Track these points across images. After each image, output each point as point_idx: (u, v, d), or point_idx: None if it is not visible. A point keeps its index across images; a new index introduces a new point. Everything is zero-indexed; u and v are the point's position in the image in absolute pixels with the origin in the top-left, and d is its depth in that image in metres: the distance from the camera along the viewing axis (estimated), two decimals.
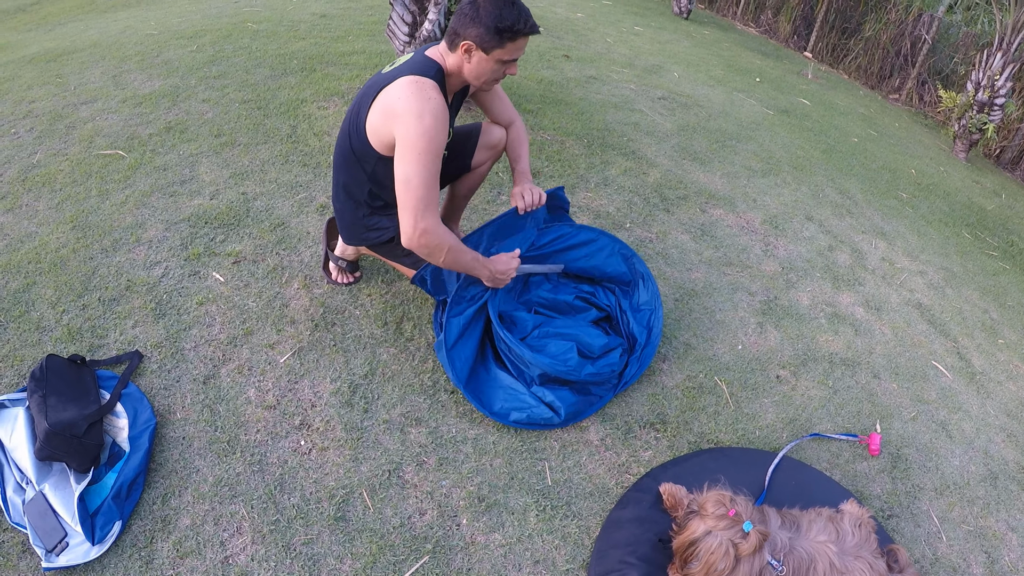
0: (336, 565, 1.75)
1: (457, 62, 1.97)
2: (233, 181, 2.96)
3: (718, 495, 1.66)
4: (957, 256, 4.19)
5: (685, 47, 7.01)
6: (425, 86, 1.90)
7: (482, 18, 1.87)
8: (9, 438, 1.83)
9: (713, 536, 1.59)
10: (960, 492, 2.46)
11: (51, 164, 2.96)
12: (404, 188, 1.92)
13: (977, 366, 3.15)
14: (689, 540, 1.63)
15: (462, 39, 1.92)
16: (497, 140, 2.38)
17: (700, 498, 1.70)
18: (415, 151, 1.88)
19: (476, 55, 1.93)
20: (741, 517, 1.60)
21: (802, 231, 3.68)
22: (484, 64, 1.95)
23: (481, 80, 2.01)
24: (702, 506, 1.65)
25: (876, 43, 8.81)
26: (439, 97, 1.91)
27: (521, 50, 1.96)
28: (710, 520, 1.61)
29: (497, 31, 1.87)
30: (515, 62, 1.99)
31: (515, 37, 1.90)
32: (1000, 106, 6.42)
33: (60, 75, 3.88)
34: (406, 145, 1.89)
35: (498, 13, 1.86)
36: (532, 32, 1.93)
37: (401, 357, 2.32)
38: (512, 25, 1.87)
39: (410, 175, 1.90)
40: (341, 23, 5.16)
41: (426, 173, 1.90)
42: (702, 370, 2.58)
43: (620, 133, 4.13)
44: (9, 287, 2.32)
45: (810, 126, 5.53)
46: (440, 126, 1.89)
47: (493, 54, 1.92)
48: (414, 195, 1.91)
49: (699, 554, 1.60)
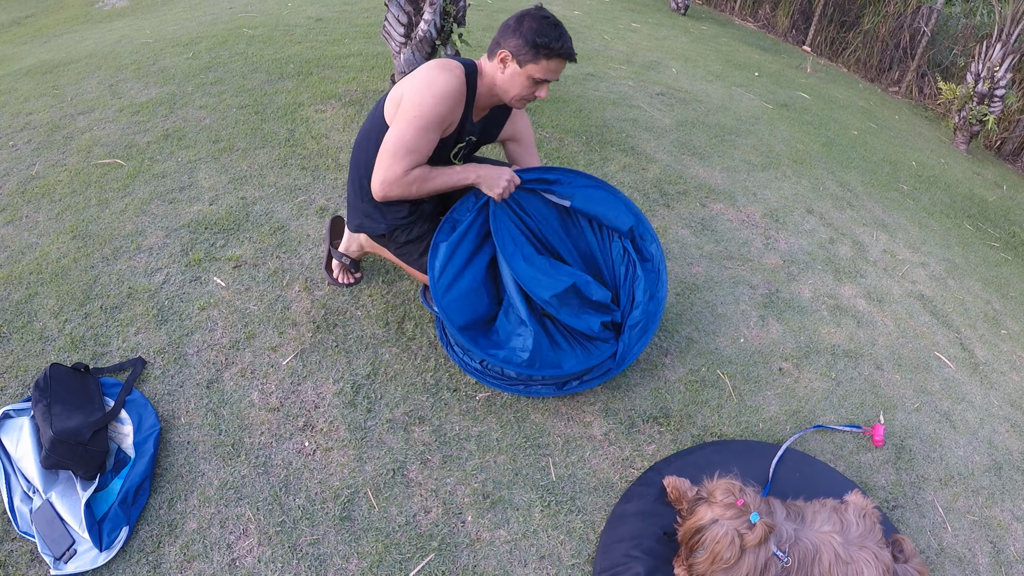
0: (343, 564, 1.76)
1: (492, 69, 2.03)
2: (232, 186, 2.97)
3: (728, 483, 1.66)
4: (959, 247, 4.18)
5: (683, 43, 7.01)
6: (450, 65, 1.97)
7: (523, 31, 1.94)
8: (15, 448, 1.84)
9: (720, 525, 1.59)
10: (965, 482, 2.46)
11: (50, 175, 2.98)
12: (384, 151, 1.99)
13: (980, 357, 3.14)
14: (696, 527, 1.63)
15: (500, 48, 1.99)
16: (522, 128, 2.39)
17: (710, 485, 1.70)
18: (409, 113, 1.94)
19: (511, 66, 1.99)
20: (749, 507, 1.60)
21: (803, 224, 3.68)
22: (516, 77, 2.00)
23: (511, 94, 2.05)
24: (711, 493, 1.65)
25: (875, 36, 8.80)
26: (459, 75, 1.96)
27: (554, 73, 2.00)
28: (718, 508, 1.61)
29: (534, 45, 1.94)
30: (546, 84, 2.03)
31: (550, 56, 1.95)
32: (1000, 97, 6.40)
33: (57, 86, 3.90)
34: (404, 107, 1.96)
35: (538, 29, 1.94)
36: (568, 56, 1.99)
37: (403, 356, 2.33)
38: (549, 43, 1.93)
39: (394, 134, 1.96)
40: (337, 26, 5.17)
41: (411, 135, 1.95)
42: (704, 364, 2.58)
43: (619, 129, 4.13)
44: (11, 298, 2.33)
45: (809, 119, 5.53)
46: (444, 99, 1.94)
47: (526, 68, 1.97)
48: (387, 158, 1.97)
49: (705, 543, 1.60)
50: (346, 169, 3.16)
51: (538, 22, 1.94)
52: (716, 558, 1.58)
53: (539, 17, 1.95)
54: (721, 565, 1.58)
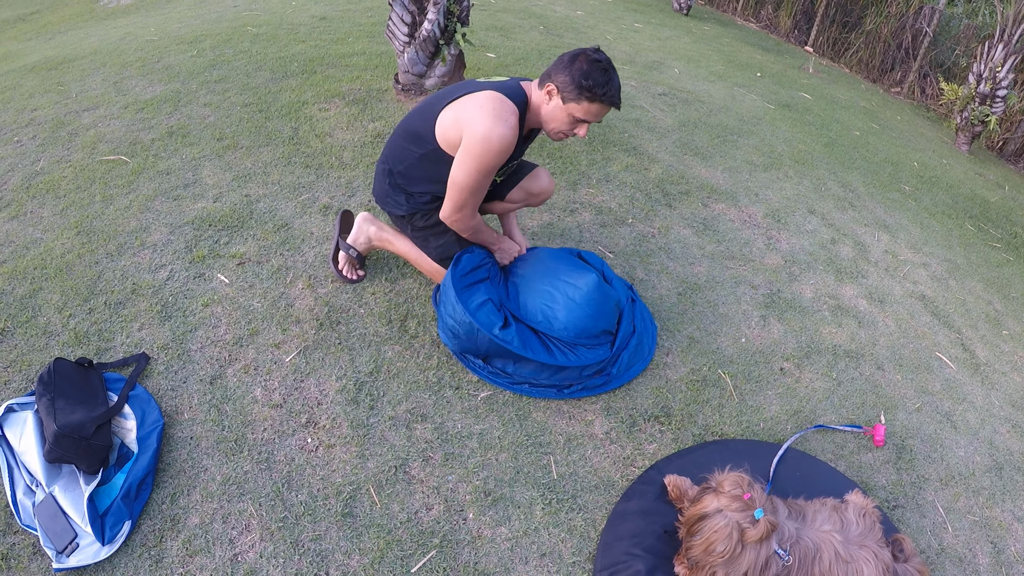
0: (344, 561, 1.77)
1: (539, 100, 2.08)
2: (236, 184, 2.97)
3: (738, 476, 1.65)
4: (960, 248, 4.18)
5: (685, 43, 7.01)
6: (505, 109, 2.02)
7: (573, 70, 1.98)
8: (19, 441, 1.84)
9: (722, 516, 1.59)
10: (965, 482, 2.46)
11: (55, 171, 2.99)
12: (453, 187, 2.12)
13: (981, 357, 3.14)
14: (700, 514, 1.63)
15: (550, 81, 2.03)
16: (540, 190, 2.52)
17: (719, 476, 1.69)
18: (473, 162, 2.04)
19: (555, 100, 2.04)
20: (755, 503, 1.60)
21: (804, 224, 3.68)
22: (559, 112, 2.05)
23: (551, 127, 2.10)
24: (720, 484, 1.65)
25: (877, 36, 8.80)
26: (513, 124, 2.02)
27: (595, 116, 2.04)
28: (724, 498, 1.61)
29: (580, 86, 1.97)
30: (586, 125, 2.07)
31: (593, 99, 1.99)
32: (1002, 98, 6.40)
33: (62, 83, 3.91)
34: (467, 154, 2.04)
35: (588, 71, 1.97)
36: (612, 104, 2.02)
37: (406, 354, 2.33)
38: (594, 87, 1.97)
39: (460, 180, 2.09)
40: (341, 25, 5.18)
41: (475, 184, 2.10)
42: (706, 363, 2.58)
43: (621, 129, 4.14)
44: (16, 293, 2.34)
45: (811, 120, 5.53)
46: (502, 150, 2.02)
47: (568, 106, 2.02)
48: (459, 196, 2.14)
49: (703, 530, 1.60)
50: (349, 167, 3.18)
51: (590, 64, 1.97)
52: (710, 547, 1.58)
53: (592, 59, 1.98)
54: (716, 558, 1.58)
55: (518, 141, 2.21)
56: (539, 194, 2.53)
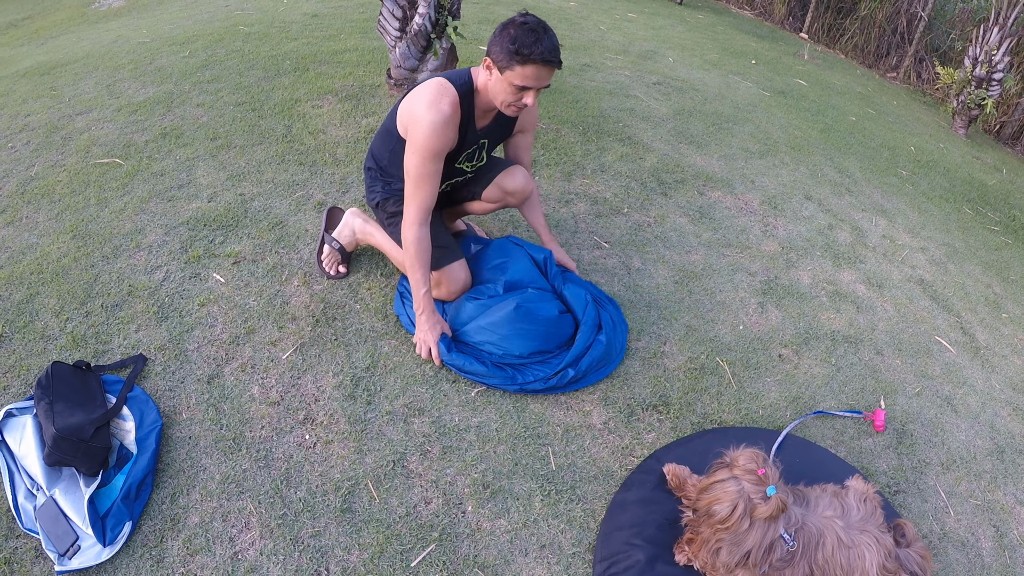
0: (344, 556, 1.77)
1: (484, 78, 2.08)
2: (230, 183, 2.97)
3: (753, 452, 1.63)
4: (959, 232, 4.17)
5: (679, 32, 6.99)
6: (442, 97, 2.04)
7: (503, 39, 1.96)
8: (18, 446, 1.84)
9: (734, 482, 1.57)
10: (967, 466, 2.46)
11: (49, 176, 2.98)
12: (407, 178, 2.16)
13: (981, 341, 3.14)
14: (709, 484, 1.62)
15: (487, 56, 2.03)
16: (514, 188, 2.47)
17: (734, 452, 1.67)
18: (410, 148, 2.11)
19: (494, 72, 2.03)
20: (768, 479, 1.58)
21: (801, 211, 3.67)
22: (499, 84, 2.03)
23: (498, 100, 2.08)
24: (735, 459, 1.63)
25: (872, 22, 8.76)
26: (445, 108, 2.04)
27: (534, 79, 1.99)
28: (738, 471, 1.59)
29: (509, 52, 1.95)
30: (531, 92, 2.03)
31: (525, 62, 1.95)
32: (998, 81, 6.38)
33: (54, 87, 3.90)
34: (410, 142, 2.11)
35: (515, 35, 1.94)
36: (545, 62, 1.96)
37: (402, 349, 2.33)
38: (521, 49, 1.93)
39: (409, 168, 2.14)
40: (332, 22, 5.17)
41: (416, 172, 2.12)
42: (704, 351, 2.58)
43: (615, 119, 4.13)
44: (12, 298, 2.34)
45: (807, 106, 5.51)
46: (437, 135, 2.05)
47: (506, 75, 1.99)
48: (407, 187, 2.17)
49: (710, 489, 1.59)
50: (343, 164, 3.17)
51: (517, 28, 1.95)
52: (711, 506, 1.57)
53: (519, 24, 1.96)
54: (715, 522, 1.56)
55: (483, 126, 2.25)
56: (514, 192, 2.48)
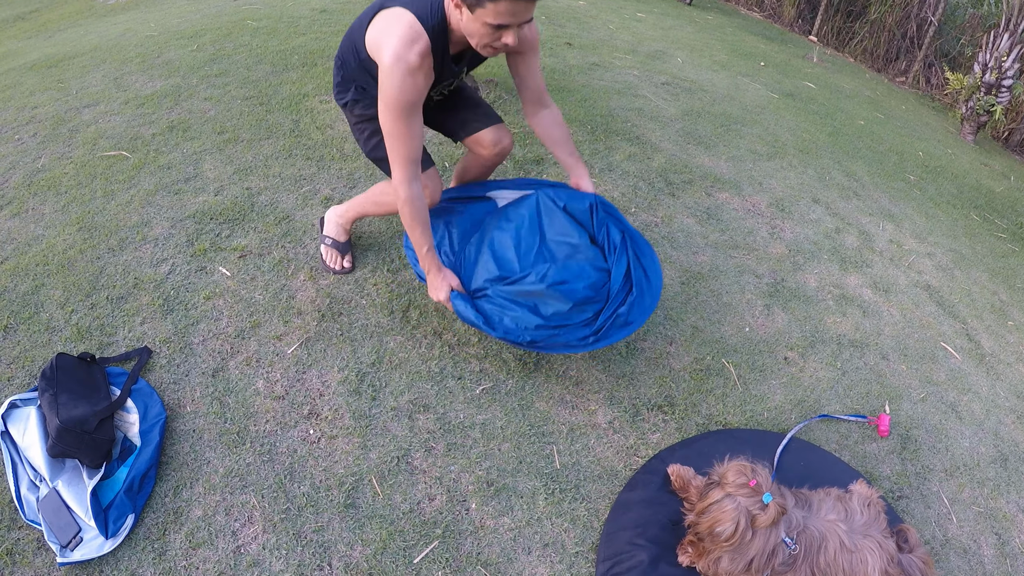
0: (347, 551, 1.77)
1: (456, 18, 1.85)
2: (237, 177, 2.97)
3: (739, 466, 1.63)
4: (966, 238, 4.15)
5: (688, 32, 6.97)
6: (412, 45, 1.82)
7: None
8: (22, 437, 1.85)
9: (731, 500, 1.57)
10: (970, 473, 2.45)
11: (56, 168, 2.98)
12: (387, 138, 1.94)
13: (986, 348, 3.13)
14: (706, 507, 1.62)
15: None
16: (493, 142, 2.28)
17: (720, 469, 1.68)
18: (385, 104, 1.89)
19: (464, 12, 1.79)
20: (761, 488, 1.58)
21: (809, 214, 3.66)
22: (472, 23, 1.80)
23: (474, 42, 1.86)
24: (723, 476, 1.64)
25: (882, 26, 8.73)
26: (417, 60, 1.82)
27: (511, 15, 1.75)
28: (730, 487, 1.59)
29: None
30: (510, 30, 1.80)
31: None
32: (1008, 88, 6.35)
33: (62, 80, 3.90)
34: (381, 97, 1.89)
35: None
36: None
37: (408, 345, 2.33)
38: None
39: (385, 124, 1.92)
40: (341, 17, 5.16)
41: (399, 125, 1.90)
42: (710, 352, 2.57)
43: (624, 119, 4.12)
44: (18, 289, 2.34)
45: (816, 109, 5.50)
46: (408, 89, 1.84)
47: (477, 13, 1.76)
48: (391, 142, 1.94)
49: (710, 510, 1.59)
50: (351, 159, 3.17)
51: None
52: (712, 528, 1.57)
53: None
54: (720, 541, 1.57)
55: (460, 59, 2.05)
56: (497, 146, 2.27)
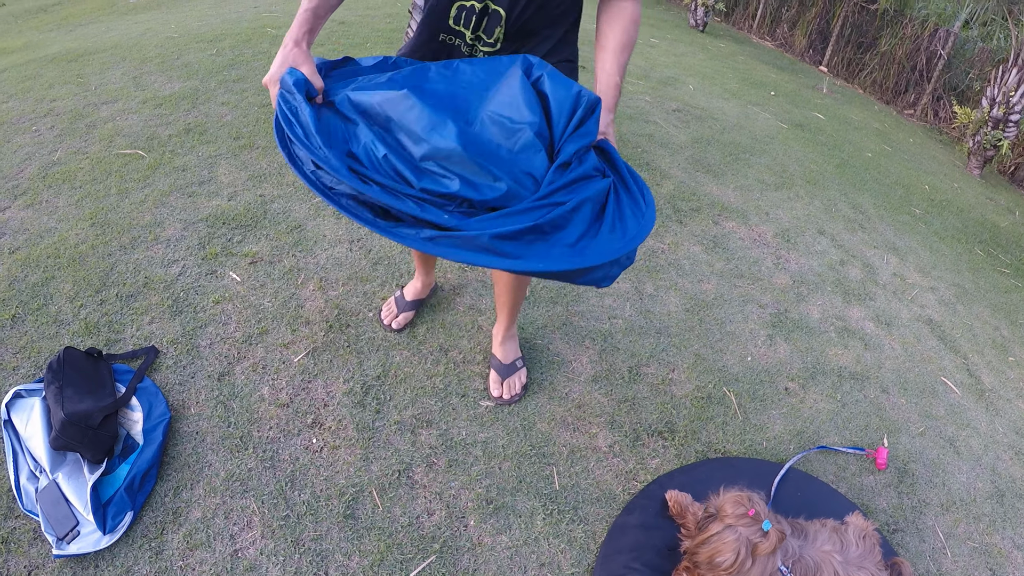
0: (344, 561, 1.77)
1: None
2: (251, 183, 3.00)
3: (736, 496, 1.65)
4: (969, 273, 4.17)
5: (700, 60, 7.03)
6: None
7: None
8: (25, 427, 1.86)
9: (731, 531, 1.58)
10: (966, 508, 2.46)
11: (71, 162, 3.01)
12: None
13: (987, 383, 3.14)
14: (704, 539, 1.63)
15: None
16: None
17: (716, 501, 1.69)
18: None
19: None
20: (760, 516, 1.60)
21: (814, 245, 3.69)
22: None
23: None
24: (720, 508, 1.65)
25: (892, 58, 8.80)
26: None
27: None
28: (729, 519, 1.61)
29: None
30: None
31: None
32: (1015, 122, 6.39)
33: (81, 75, 3.94)
34: None
35: None
36: None
37: (413, 360, 2.34)
38: None
39: None
40: (359, 30, 5.22)
41: None
42: (711, 380, 2.59)
43: (634, 144, 4.15)
44: (28, 280, 2.36)
45: (824, 140, 5.54)
46: None
47: None
48: None
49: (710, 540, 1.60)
50: None
51: None
52: (712, 558, 1.58)
53: None
54: (720, 570, 1.58)
55: None
56: None
